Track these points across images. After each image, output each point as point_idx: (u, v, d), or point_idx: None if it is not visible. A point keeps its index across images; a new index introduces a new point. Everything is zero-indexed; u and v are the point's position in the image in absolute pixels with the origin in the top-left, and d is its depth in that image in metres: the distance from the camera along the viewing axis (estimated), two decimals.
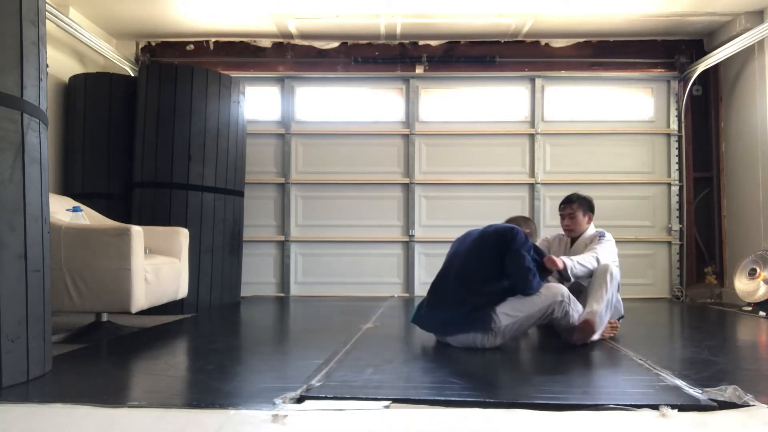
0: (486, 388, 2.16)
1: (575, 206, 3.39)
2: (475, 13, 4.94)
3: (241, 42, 5.59)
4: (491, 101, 5.62)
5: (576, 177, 5.45)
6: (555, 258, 2.96)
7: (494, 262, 2.82)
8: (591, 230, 3.40)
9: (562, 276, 2.99)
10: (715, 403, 1.82)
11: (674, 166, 5.47)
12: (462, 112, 5.63)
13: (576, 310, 2.89)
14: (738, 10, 4.76)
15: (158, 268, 3.46)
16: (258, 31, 5.41)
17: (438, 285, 2.99)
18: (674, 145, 5.49)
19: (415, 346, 2.92)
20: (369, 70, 5.57)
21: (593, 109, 5.58)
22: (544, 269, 2.94)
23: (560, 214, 3.46)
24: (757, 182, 4.83)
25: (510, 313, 2.78)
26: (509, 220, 3.25)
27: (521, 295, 2.82)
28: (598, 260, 3.08)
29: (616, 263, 3.27)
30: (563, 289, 2.87)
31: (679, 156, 5.47)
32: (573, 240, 3.43)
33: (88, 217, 3.68)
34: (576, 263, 3.02)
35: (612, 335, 3.09)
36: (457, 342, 2.82)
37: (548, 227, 5.37)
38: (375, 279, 5.53)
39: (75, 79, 4.68)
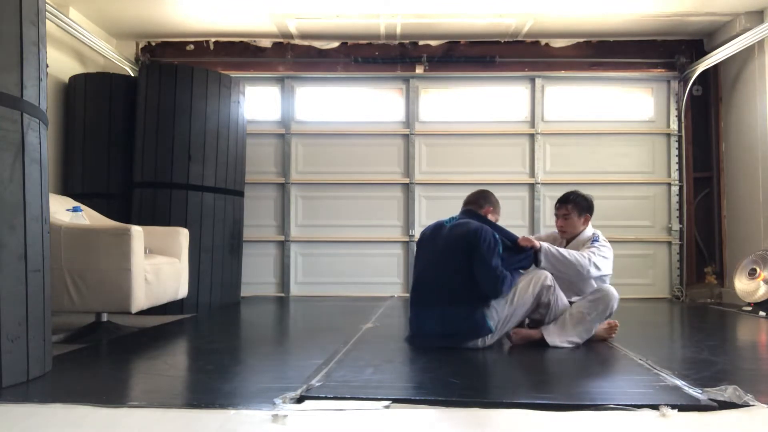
0: (486, 388, 2.16)
1: (570, 207, 3.18)
2: (475, 13, 4.94)
3: (241, 42, 5.59)
4: (491, 101, 5.62)
5: (576, 177, 5.44)
6: (531, 238, 2.90)
7: (467, 269, 2.77)
8: (588, 231, 3.20)
9: (535, 259, 2.91)
10: (715, 403, 1.82)
11: (674, 166, 5.47)
12: (462, 112, 5.63)
13: (561, 301, 2.90)
14: (738, 10, 4.76)
15: (158, 268, 3.46)
16: (258, 31, 5.41)
17: (420, 297, 2.90)
18: (674, 145, 5.49)
19: (415, 346, 2.91)
20: (369, 70, 5.57)
21: (593, 109, 5.58)
22: (519, 249, 2.89)
23: (555, 213, 3.29)
24: (757, 182, 4.83)
25: (504, 306, 2.81)
26: (468, 201, 3.10)
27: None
28: (591, 262, 2.92)
29: (610, 274, 3.06)
30: (548, 275, 2.88)
31: (679, 156, 5.47)
32: (568, 241, 3.26)
33: (88, 217, 3.68)
34: (555, 250, 2.92)
35: (612, 336, 3.08)
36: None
37: (548, 227, 5.36)
38: (375, 279, 5.53)
39: (75, 79, 4.68)
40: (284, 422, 1.66)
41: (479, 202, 3.05)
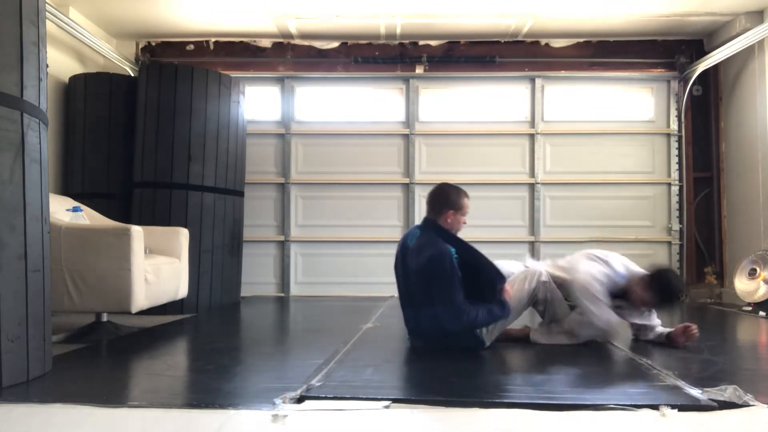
0: (486, 388, 2.16)
1: None
2: (475, 13, 4.94)
3: (241, 42, 5.59)
4: (491, 101, 5.62)
5: (576, 177, 5.45)
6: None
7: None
8: (580, 273, 2.84)
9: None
10: (715, 403, 1.82)
11: (674, 166, 5.47)
12: (462, 112, 5.62)
13: (559, 297, 2.87)
14: (738, 10, 4.76)
15: (158, 268, 3.46)
16: (258, 31, 5.41)
17: (409, 300, 2.87)
18: (674, 145, 5.48)
19: (415, 346, 2.91)
20: (369, 70, 5.57)
21: (593, 109, 5.58)
22: (487, 266, 2.69)
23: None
24: (757, 182, 4.83)
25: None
26: (427, 206, 2.87)
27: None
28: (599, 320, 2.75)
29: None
30: (543, 270, 2.85)
31: (679, 156, 5.47)
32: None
33: (88, 217, 3.68)
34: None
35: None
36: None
37: (548, 227, 5.37)
38: (375, 279, 5.52)
39: (75, 79, 4.68)
40: (284, 422, 1.66)
41: (436, 207, 2.81)
